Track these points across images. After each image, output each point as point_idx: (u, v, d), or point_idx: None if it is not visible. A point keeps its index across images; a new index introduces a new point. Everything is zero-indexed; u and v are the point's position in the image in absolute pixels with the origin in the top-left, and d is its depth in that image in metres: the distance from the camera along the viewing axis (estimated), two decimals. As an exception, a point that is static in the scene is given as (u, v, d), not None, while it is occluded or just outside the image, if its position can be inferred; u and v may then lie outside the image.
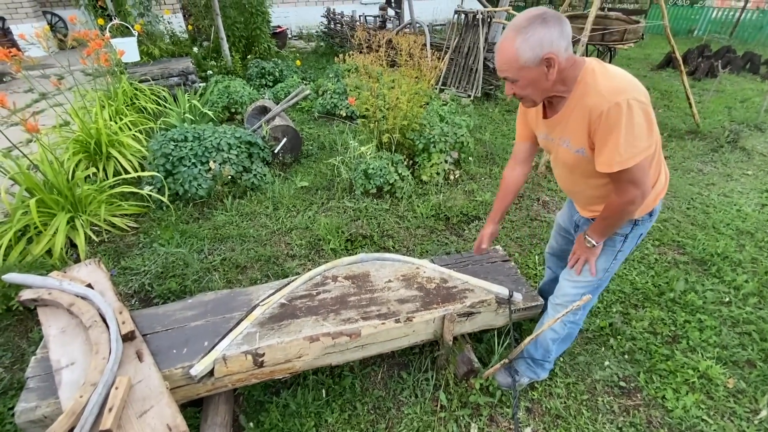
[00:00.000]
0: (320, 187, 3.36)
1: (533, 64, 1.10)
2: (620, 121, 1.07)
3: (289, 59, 7.24)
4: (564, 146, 1.29)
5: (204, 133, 3.31)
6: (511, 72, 1.14)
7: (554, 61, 1.09)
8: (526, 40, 1.07)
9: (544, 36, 1.06)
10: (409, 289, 1.76)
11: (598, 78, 1.13)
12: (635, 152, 1.10)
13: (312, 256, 2.54)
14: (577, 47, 3.82)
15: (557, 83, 1.17)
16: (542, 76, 1.13)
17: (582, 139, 1.20)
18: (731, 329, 2.06)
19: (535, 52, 1.08)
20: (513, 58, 1.10)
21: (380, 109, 3.46)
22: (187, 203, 3.06)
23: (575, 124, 1.20)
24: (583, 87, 1.15)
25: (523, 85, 1.17)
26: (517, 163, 1.61)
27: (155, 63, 5.93)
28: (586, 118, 1.14)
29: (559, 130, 1.28)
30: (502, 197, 1.68)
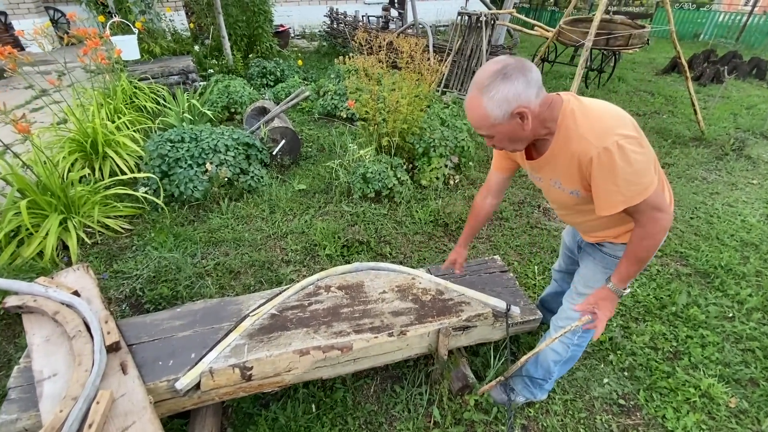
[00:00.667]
0: (318, 191, 3.32)
1: (504, 120, 1.06)
2: (615, 166, 1.02)
3: (291, 59, 7.20)
4: (556, 187, 1.24)
5: (201, 134, 3.27)
6: (485, 130, 1.11)
7: (526, 114, 1.05)
8: (491, 99, 1.03)
9: (508, 92, 1.02)
10: (403, 301, 1.72)
11: (579, 120, 1.07)
12: (640, 189, 1.04)
13: (307, 262, 2.50)
14: (581, 51, 3.77)
15: (536, 129, 1.12)
16: (518, 128, 1.08)
17: (575, 182, 1.16)
18: (734, 345, 2.01)
19: (503, 109, 1.03)
20: (483, 117, 1.06)
21: (380, 112, 3.41)
22: (183, 205, 3.02)
23: (564, 168, 1.15)
24: (566, 132, 1.10)
25: (500, 139, 1.13)
26: (489, 193, 1.57)
27: (156, 61, 5.90)
28: (575, 164, 1.10)
29: (548, 172, 1.23)
30: (472, 224, 1.65)
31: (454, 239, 2.83)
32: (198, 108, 4.37)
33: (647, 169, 1.04)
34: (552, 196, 1.33)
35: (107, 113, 3.87)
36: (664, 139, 4.57)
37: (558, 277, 1.87)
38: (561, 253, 1.80)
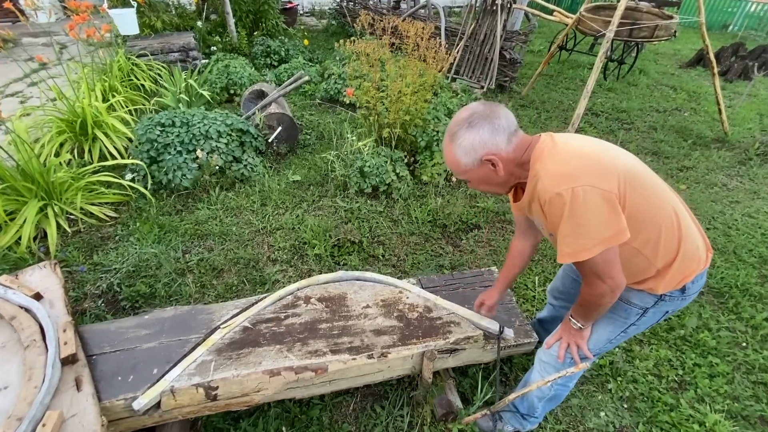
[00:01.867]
0: (313, 183, 3.17)
1: (475, 166, 1.07)
2: (562, 212, 0.97)
3: (297, 38, 6.94)
4: (540, 227, 1.22)
5: (193, 119, 3.12)
6: (460, 175, 1.13)
7: (495, 161, 1.05)
8: (459, 147, 1.05)
9: (473, 140, 1.03)
10: (388, 318, 1.59)
11: (546, 162, 1.03)
12: (587, 244, 0.97)
13: (294, 262, 2.38)
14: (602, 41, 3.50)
15: (514, 172, 1.11)
16: (490, 174, 1.09)
17: (552, 227, 1.07)
18: (745, 377, 1.87)
19: (471, 156, 1.05)
20: (454, 163, 1.09)
21: (382, 101, 3.22)
22: (171, 194, 2.90)
23: (536, 209, 1.10)
24: (534, 173, 1.05)
25: (476, 183, 1.15)
26: (520, 233, 1.45)
27: (156, 37, 5.70)
28: (538, 206, 1.06)
29: (531, 213, 1.18)
30: (509, 267, 1.52)
31: (452, 242, 2.68)
32: (195, 89, 4.20)
33: (602, 226, 0.95)
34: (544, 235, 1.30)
35: (101, 91, 3.73)
36: (684, 139, 4.31)
37: (555, 301, 1.70)
38: (560, 273, 1.64)
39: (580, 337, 1.26)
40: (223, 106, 4.53)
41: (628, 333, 1.24)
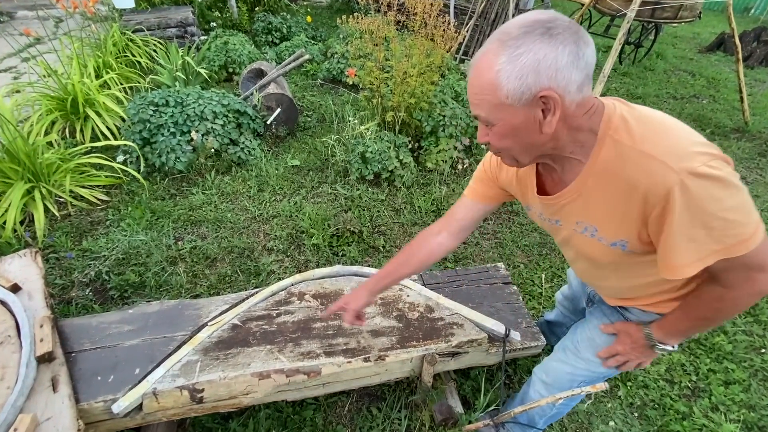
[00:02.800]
0: (313, 168, 3.05)
1: (519, 102, 0.68)
2: (709, 200, 0.66)
3: (299, 14, 6.67)
4: (586, 235, 0.85)
5: (188, 99, 2.97)
6: (485, 108, 0.72)
7: (555, 104, 0.67)
8: (514, 59, 0.65)
9: (544, 57, 0.64)
10: (386, 318, 1.49)
11: (636, 130, 0.71)
12: (745, 235, 0.68)
13: (291, 252, 2.28)
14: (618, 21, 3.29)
15: (561, 139, 0.74)
16: (532, 125, 0.71)
17: (624, 229, 0.78)
18: (761, 384, 1.77)
19: (525, 82, 0.66)
20: (491, 86, 0.68)
21: (385, 83, 3.05)
22: (165, 177, 2.79)
23: (607, 206, 0.77)
24: (615, 148, 0.73)
25: (501, 132, 0.74)
26: (446, 230, 1.10)
27: (153, 11, 5.47)
28: (632, 199, 0.73)
29: (574, 213, 0.85)
30: (402, 265, 1.13)
31: (456, 233, 2.57)
32: (192, 66, 4.03)
33: (751, 204, 0.69)
34: (576, 249, 0.92)
35: (95, 67, 3.57)
36: (702, 128, 4.12)
37: (565, 305, 1.58)
38: (570, 282, 1.51)
39: (649, 357, 0.99)
40: (221, 85, 4.37)
41: None
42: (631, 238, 0.78)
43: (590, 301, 1.25)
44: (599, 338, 1.09)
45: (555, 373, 1.22)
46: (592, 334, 1.12)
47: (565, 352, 1.21)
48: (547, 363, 1.28)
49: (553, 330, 1.75)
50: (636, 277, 0.90)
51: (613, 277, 0.95)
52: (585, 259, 0.95)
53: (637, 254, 0.82)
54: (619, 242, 0.81)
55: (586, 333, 1.15)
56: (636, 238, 0.78)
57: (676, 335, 0.92)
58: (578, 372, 1.17)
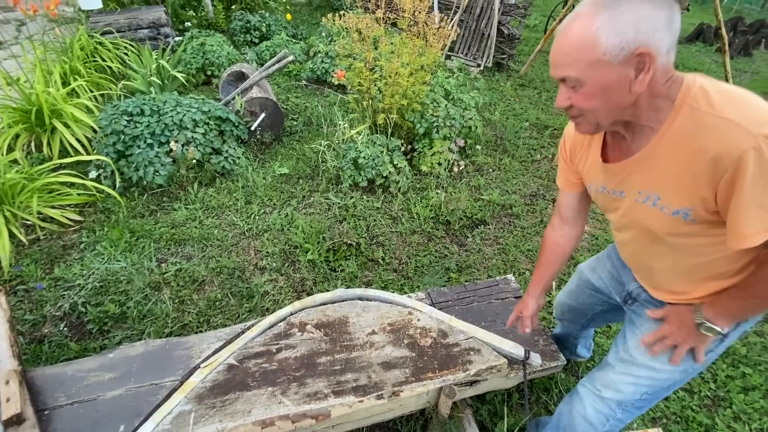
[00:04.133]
0: (302, 176, 2.90)
1: (616, 58, 0.70)
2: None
3: (278, 12, 6.45)
4: (648, 204, 0.85)
5: (164, 106, 2.77)
6: (578, 67, 0.73)
7: (651, 61, 0.69)
8: (615, 18, 0.68)
9: (645, 17, 0.68)
10: (397, 347, 1.37)
11: (716, 99, 0.71)
12: None
13: (285, 270, 2.13)
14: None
15: (640, 105, 0.76)
16: (624, 84, 0.72)
17: (691, 197, 0.77)
18: (780, 388, 1.73)
19: (625, 38, 0.68)
20: (588, 44, 0.70)
21: (375, 84, 2.92)
22: (143, 192, 2.60)
23: (676, 173, 0.77)
24: (693, 116, 0.73)
25: (591, 92, 0.75)
26: (563, 222, 1.18)
27: (123, 11, 5.17)
28: (703, 164, 0.72)
29: (637, 181, 0.85)
30: (545, 266, 1.25)
31: (457, 240, 2.47)
32: (168, 70, 3.80)
33: None
34: (635, 223, 0.92)
35: (61, 74, 3.32)
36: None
37: (567, 316, 1.49)
38: (575, 289, 1.41)
39: (702, 341, 0.93)
40: (199, 90, 4.15)
41: (717, 352, 1.00)
42: (695, 206, 0.77)
43: (632, 299, 1.14)
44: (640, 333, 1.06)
45: (616, 385, 1.12)
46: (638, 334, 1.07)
47: (622, 363, 1.11)
48: (601, 375, 1.17)
49: (566, 345, 1.67)
50: (692, 255, 0.88)
51: (668, 256, 0.91)
52: (642, 236, 0.93)
53: (698, 225, 0.80)
54: (683, 210, 0.80)
55: (636, 338, 1.08)
56: (701, 206, 0.77)
57: (728, 316, 0.88)
58: (642, 381, 1.08)
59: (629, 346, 1.10)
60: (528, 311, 1.28)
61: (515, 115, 4.03)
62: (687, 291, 0.95)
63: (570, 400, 1.27)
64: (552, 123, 3.83)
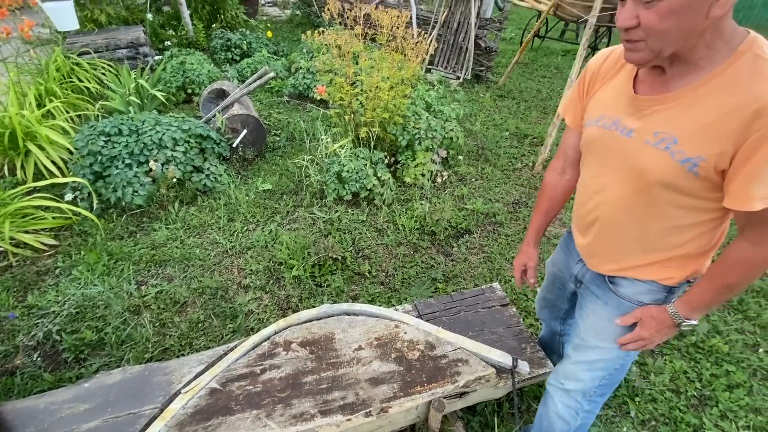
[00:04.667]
0: (286, 191, 2.88)
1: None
2: None
3: (259, 29, 6.49)
4: (659, 147, 0.80)
5: (143, 126, 2.74)
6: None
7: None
8: None
9: None
10: (385, 361, 1.35)
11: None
12: None
13: (270, 288, 2.10)
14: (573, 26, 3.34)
15: (703, 38, 0.72)
16: (702, 8, 0.68)
17: (711, 147, 0.74)
18: (762, 384, 1.76)
19: None
20: None
21: (357, 98, 2.94)
22: (122, 213, 2.54)
23: (710, 119, 0.74)
24: (756, 63, 0.70)
25: (670, 8, 0.68)
26: (567, 165, 1.16)
27: (101, 32, 5.14)
28: (743, 115, 0.70)
29: (659, 120, 0.81)
30: (545, 209, 1.24)
31: (443, 251, 2.47)
32: (147, 89, 3.77)
33: None
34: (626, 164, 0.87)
35: (36, 96, 3.25)
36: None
37: (545, 314, 1.50)
38: (546, 285, 1.42)
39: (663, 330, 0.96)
40: (180, 108, 4.12)
41: None
42: (709, 158, 0.75)
43: (578, 281, 1.17)
44: (600, 322, 1.08)
45: (575, 375, 1.15)
46: (593, 320, 1.10)
47: (576, 350, 1.16)
48: (562, 368, 1.20)
49: (552, 348, 1.67)
50: (660, 217, 0.88)
51: (636, 212, 0.90)
52: (624, 184, 0.89)
53: (694, 182, 0.79)
54: (694, 159, 0.77)
55: (586, 322, 1.12)
56: (714, 159, 0.75)
57: (701, 308, 0.91)
58: (596, 365, 1.11)
59: (580, 330, 1.14)
60: (533, 261, 1.29)
61: (495, 125, 4.11)
62: (627, 259, 0.97)
63: (545, 401, 1.28)
64: (531, 132, 3.92)
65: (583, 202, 1.03)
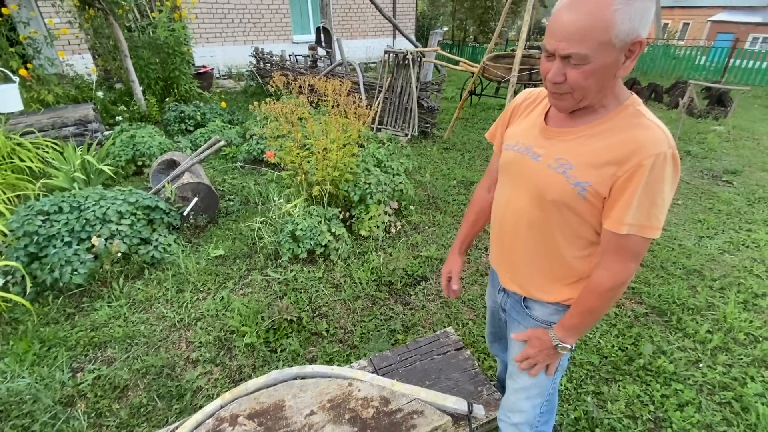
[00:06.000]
0: (239, 255, 2.84)
1: (621, 43, 0.78)
2: (665, 177, 0.83)
3: (213, 101, 6.71)
4: (558, 171, 0.93)
5: (86, 201, 2.68)
6: (588, 46, 0.78)
7: (641, 50, 0.81)
8: (629, 3, 0.75)
9: (647, 9, 0.77)
10: (338, 424, 1.31)
11: (649, 114, 0.87)
12: (658, 221, 0.85)
13: (221, 359, 1.99)
14: (505, 85, 3.77)
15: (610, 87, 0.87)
16: (615, 67, 0.82)
17: (598, 174, 0.87)
18: (709, 399, 1.84)
19: (632, 25, 0.77)
20: (603, 24, 0.76)
21: (307, 160, 3.07)
22: (59, 294, 2.38)
23: (600, 151, 0.87)
24: (635, 115, 0.87)
25: (591, 70, 0.81)
26: (492, 183, 1.24)
27: (47, 111, 5.12)
28: (623, 154, 0.84)
29: (562, 149, 0.94)
30: (472, 221, 1.32)
31: (401, 300, 2.49)
32: (94, 165, 3.72)
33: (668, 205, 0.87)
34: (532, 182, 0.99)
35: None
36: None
37: (497, 349, 1.53)
38: (489, 319, 1.47)
39: (556, 358, 1.07)
40: (129, 181, 4.07)
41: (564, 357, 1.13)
42: (594, 183, 0.88)
43: (503, 310, 1.26)
44: (515, 347, 1.16)
45: (515, 406, 1.18)
46: (517, 346, 1.16)
47: (511, 378, 1.20)
48: (506, 400, 1.23)
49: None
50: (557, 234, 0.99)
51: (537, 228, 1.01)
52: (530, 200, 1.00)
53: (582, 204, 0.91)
54: (584, 182, 0.89)
55: (512, 348, 1.19)
56: (597, 184, 0.88)
57: (572, 332, 1.02)
58: (531, 392, 1.15)
59: (510, 356, 1.20)
60: (457, 268, 1.34)
61: (444, 175, 4.36)
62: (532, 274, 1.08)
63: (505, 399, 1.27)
64: (476, 178, 4.19)
65: (496, 215, 1.15)
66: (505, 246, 1.12)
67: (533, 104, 1.09)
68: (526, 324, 1.13)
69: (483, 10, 19.54)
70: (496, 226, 1.15)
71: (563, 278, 1.04)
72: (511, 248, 1.10)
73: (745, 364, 2.01)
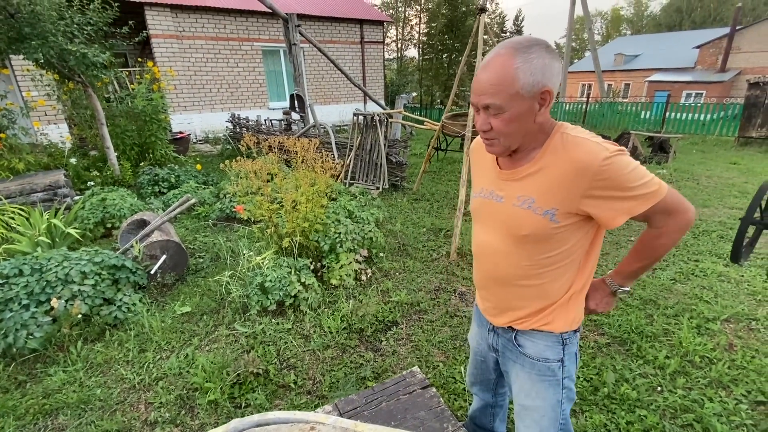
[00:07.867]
0: (207, 311, 2.80)
1: (528, 94, 0.92)
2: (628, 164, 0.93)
3: (189, 164, 6.87)
4: (523, 207, 1.03)
5: (49, 263, 2.64)
6: (501, 97, 0.92)
7: (550, 98, 0.94)
8: (528, 61, 0.90)
9: (548, 64, 0.92)
10: (297, 469, 1.27)
11: (577, 131, 0.99)
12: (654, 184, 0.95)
13: (181, 418, 1.91)
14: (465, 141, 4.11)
15: (534, 131, 0.99)
16: (531, 114, 0.95)
17: (559, 198, 0.97)
18: (672, 423, 1.88)
19: (535, 79, 0.91)
20: (509, 79, 0.91)
21: (277, 213, 3.17)
22: (11, 361, 2.26)
23: (551, 180, 0.98)
24: (563, 138, 0.98)
25: (509, 118, 0.94)
26: None
27: (16, 178, 5.12)
28: (572, 173, 0.94)
29: (518, 187, 1.04)
30: None
31: (372, 346, 2.48)
32: (60, 227, 3.69)
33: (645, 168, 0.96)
34: (503, 223, 1.08)
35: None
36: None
37: (477, 390, 1.55)
38: (471, 362, 1.50)
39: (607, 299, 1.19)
40: (98, 243, 4.02)
41: (567, 387, 1.16)
42: (561, 206, 0.98)
43: (494, 350, 1.28)
44: (526, 383, 1.18)
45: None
46: (522, 384, 1.19)
47: (519, 417, 1.21)
48: None
49: (480, 423, 1.66)
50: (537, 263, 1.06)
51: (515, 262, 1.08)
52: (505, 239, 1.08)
53: (557, 228, 1.00)
54: (551, 210, 0.99)
55: (515, 386, 1.22)
56: (562, 205, 0.98)
57: (630, 277, 1.15)
58: (544, 423, 1.17)
59: (514, 395, 1.22)
60: None
61: (413, 223, 4.53)
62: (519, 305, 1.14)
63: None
64: (445, 226, 4.37)
65: (477, 258, 1.21)
66: (490, 288, 1.19)
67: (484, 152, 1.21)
68: (523, 363, 1.17)
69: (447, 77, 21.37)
70: (479, 269, 1.22)
71: (550, 305, 1.11)
72: (497, 289, 1.17)
73: (703, 386, 2.09)
